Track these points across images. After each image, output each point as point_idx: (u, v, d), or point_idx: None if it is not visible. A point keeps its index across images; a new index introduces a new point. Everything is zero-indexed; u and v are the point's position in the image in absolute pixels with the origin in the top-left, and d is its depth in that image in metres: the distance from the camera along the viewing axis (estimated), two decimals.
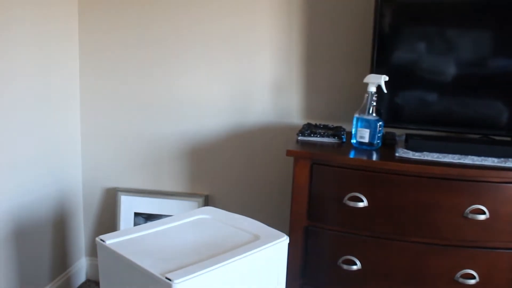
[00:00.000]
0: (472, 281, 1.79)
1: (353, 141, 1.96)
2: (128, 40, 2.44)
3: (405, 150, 1.90)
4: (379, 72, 1.95)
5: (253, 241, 1.60)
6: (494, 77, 1.96)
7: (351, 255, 1.87)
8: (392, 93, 2.00)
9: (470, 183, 1.74)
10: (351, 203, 1.81)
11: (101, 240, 1.58)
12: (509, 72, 1.94)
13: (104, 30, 2.45)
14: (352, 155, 1.87)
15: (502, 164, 1.76)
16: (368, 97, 1.91)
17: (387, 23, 1.98)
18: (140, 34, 2.43)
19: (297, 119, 2.37)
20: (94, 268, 2.71)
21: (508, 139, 2.01)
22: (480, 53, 1.95)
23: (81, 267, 2.69)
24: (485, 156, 1.84)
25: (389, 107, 2.04)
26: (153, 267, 1.41)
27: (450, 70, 1.97)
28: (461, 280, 1.80)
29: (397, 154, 1.85)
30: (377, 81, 1.90)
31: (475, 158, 1.83)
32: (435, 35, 1.96)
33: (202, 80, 2.41)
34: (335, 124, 2.27)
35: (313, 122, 2.32)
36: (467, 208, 1.74)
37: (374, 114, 1.91)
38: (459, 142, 1.92)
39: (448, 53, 1.96)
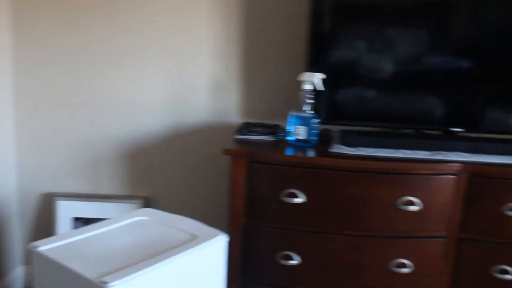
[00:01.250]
0: (406, 270, 1.85)
1: (290, 138, 1.98)
2: (63, 42, 2.38)
3: (341, 146, 1.94)
4: (316, 70, 1.98)
5: (191, 241, 1.60)
6: (429, 74, 2.02)
7: (290, 250, 1.89)
8: (331, 90, 2.04)
9: (402, 176, 1.80)
10: (289, 200, 1.83)
11: (33, 246, 1.53)
12: (442, 69, 2.01)
13: (38, 31, 2.38)
14: (288, 152, 1.89)
15: (433, 157, 1.83)
16: (303, 95, 1.94)
17: (322, 22, 2.02)
18: (75, 34, 2.37)
19: (236, 118, 2.38)
20: (31, 277, 2.62)
21: (441, 133, 2.08)
22: (416, 51, 2.01)
23: (17, 276, 2.60)
24: (417, 149, 1.90)
25: (328, 105, 2.08)
26: (88, 271, 1.39)
27: (387, 67, 2.02)
28: (395, 269, 1.85)
29: (332, 150, 1.89)
30: (311, 79, 1.93)
31: (408, 152, 1.89)
32: (372, 34, 2.01)
33: (139, 81, 2.39)
34: (273, 122, 2.29)
35: (251, 121, 2.33)
36: (399, 200, 1.79)
37: (310, 112, 1.94)
38: (393, 137, 1.98)
39: (385, 51, 2.02)
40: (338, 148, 1.91)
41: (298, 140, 1.96)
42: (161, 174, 2.47)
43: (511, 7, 1.96)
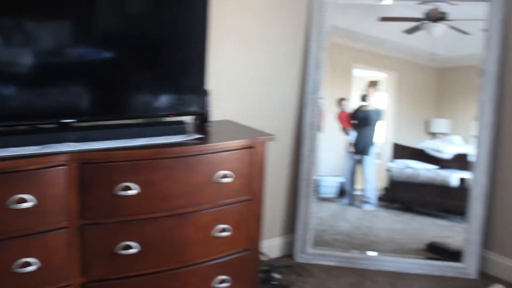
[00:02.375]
0: (32, 268, 1.82)
1: None
2: None
3: None
4: None
5: None
6: (74, 66, 2.01)
7: None
8: None
9: (10, 175, 1.75)
10: None
11: None
12: (87, 60, 2.01)
13: None
14: None
15: (41, 151, 1.84)
16: None
17: None
18: None
19: None
20: None
21: (56, 125, 2.07)
22: (59, 43, 1.97)
23: None
24: (26, 145, 1.88)
25: None
26: None
27: (28, 61, 1.91)
28: (20, 270, 1.81)
29: None
30: None
31: (16, 149, 1.84)
32: (8, 26, 1.86)
33: None
34: None
35: None
36: (10, 199, 1.75)
37: None
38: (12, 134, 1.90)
39: (25, 45, 1.90)
40: None
41: None
42: None
43: None
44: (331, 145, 3.13)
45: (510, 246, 3.01)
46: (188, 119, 2.46)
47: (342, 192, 3.16)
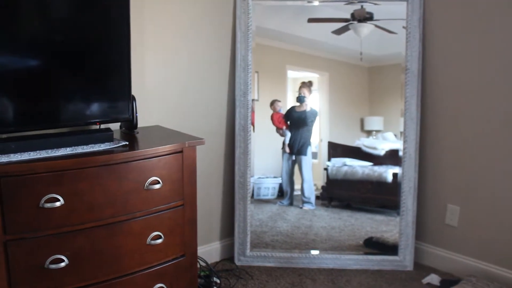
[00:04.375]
0: None
1: None
2: None
3: None
4: None
5: None
6: None
7: None
8: None
9: None
10: None
11: None
12: (7, 69, 1.93)
13: None
14: None
15: None
16: None
17: None
18: None
19: None
20: None
21: None
22: None
23: None
24: None
25: None
26: None
27: None
28: None
29: None
30: None
31: None
32: None
33: None
34: None
35: None
36: None
37: None
38: None
39: None
40: None
41: None
42: None
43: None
44: (267, 147, 3.14)
45: (441, 237, 3.12)
46: (115, 126, 2.42)
47: (281, 193, 3.17)
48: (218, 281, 2.80)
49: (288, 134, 3.13)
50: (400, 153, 3.04)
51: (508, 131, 2.75)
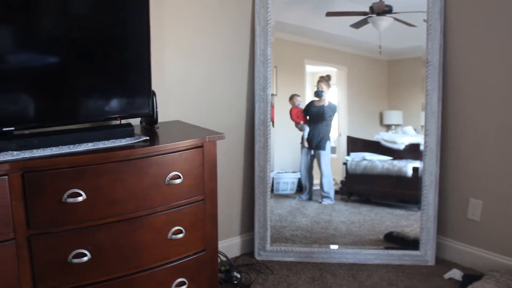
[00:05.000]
0: None
1: None
2: None
3: None
4: None
5: None
6: (16, 72, 1.93)
7: None
8: None
9: None
10: None
11: None
12: (29, 66, 1.95)
13: None
14: None
15: None
16: None
17: None
18: None
19: None
20: None
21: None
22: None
23: None
24: None
25: None
26: None
27: None
28: None
29: None
30: None
31: None
32: None
33: None
34: None
35: None
36: None
37: None
38: None
39: None
40: None
41: None
42: None
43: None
44: (286, 142, 3.14)
45: (463, 231, 3.08)
46: (135, 121, 2.43)
47: (300, 188, 3.17)
48: (238, 275, 2.80)
49: (307, 129, 3.12)
50: (421, 147, 3.01)
51: None
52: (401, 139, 3.11)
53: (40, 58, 2.01)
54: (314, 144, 3.13)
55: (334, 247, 3.09)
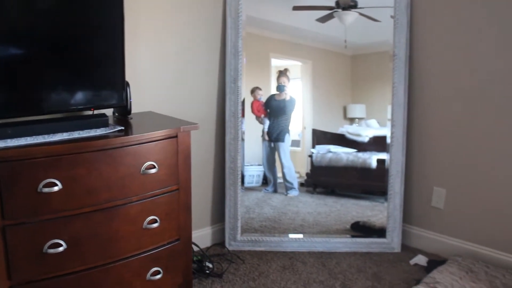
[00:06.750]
0: None
1: None
2: None
3: None
4: None
5: None
6: None
7: None
8: None
9: None
10: None
11: None
12: None
13: None
14: None
15: None
16: None
17: None
18: None
19: None
20: None
21: None
22: None
23: None
24: None
25: None
26: None
27: None
28: None
29: None
30: None
31: None
32: None
33: None
34: None
35: None
36: None
37: None
38: None
39: None
40: None
41: None
42: None
43: None
44: (251, 135, 3.16)
45: (427, 219, 3.19)
46: (108, 112, 2.42)
47: (265, 181, 3.20)
48: (210, 265, 2.82)
49: (267, 122, 3.15)
50: (388, 139, 3.09)
51: (493, 114, 2.83)
52: (366, 132, 3.18)
53: (9, 49, 1.97)
54: (273, 137, 3.16)
55: (302, 236, 3.14)
